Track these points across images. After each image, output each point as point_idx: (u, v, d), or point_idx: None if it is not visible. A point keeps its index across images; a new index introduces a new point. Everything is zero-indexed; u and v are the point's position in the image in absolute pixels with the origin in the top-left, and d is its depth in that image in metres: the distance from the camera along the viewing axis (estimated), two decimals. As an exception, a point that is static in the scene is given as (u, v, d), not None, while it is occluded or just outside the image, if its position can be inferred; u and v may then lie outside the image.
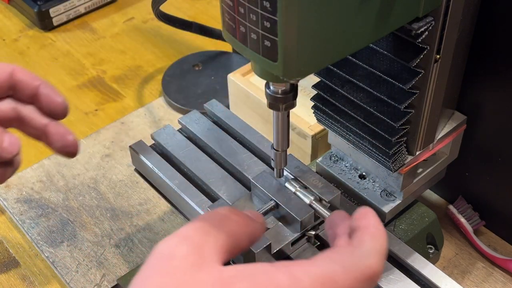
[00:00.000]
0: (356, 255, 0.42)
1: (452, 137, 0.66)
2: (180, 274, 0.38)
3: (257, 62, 0.45)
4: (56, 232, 0.81)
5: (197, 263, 0.39)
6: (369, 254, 0.42)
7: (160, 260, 0.40)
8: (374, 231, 0.44)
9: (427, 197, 0.80)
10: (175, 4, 1.20)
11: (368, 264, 0.42)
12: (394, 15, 0.48)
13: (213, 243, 0.41)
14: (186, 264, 0.39)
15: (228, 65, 1.02)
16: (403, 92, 0.56)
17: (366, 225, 0.44)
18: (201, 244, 0.40)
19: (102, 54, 1.10)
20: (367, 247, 0.43)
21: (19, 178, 0.88)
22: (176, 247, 0.40)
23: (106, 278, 0.76)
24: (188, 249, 0.40)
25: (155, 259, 0.40)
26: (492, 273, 0.74)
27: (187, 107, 0.95)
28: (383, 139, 0.59)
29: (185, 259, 0.39)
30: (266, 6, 0.41)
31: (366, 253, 0.42)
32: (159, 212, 0.83)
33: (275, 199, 0.61)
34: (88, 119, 0.98)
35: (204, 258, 0.40)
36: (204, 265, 0.39)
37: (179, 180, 0.66)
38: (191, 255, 0.39)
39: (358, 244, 0.43)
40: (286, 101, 0.52)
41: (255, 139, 0.70)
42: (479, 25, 0.61)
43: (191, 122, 0.73)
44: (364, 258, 0.42)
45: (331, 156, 0.70)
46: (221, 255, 0.41)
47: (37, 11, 1.12)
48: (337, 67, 0.59)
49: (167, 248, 0.40)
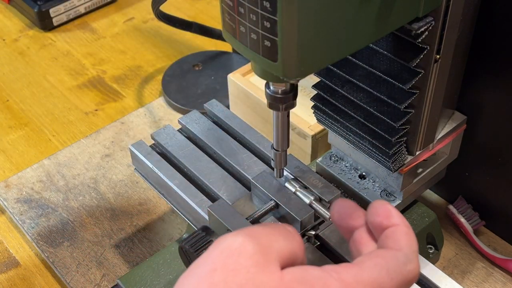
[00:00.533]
0: (399, 259, 0.43)
1: (452, 137, 0.66)
2: (245, 272, 0.39)
3: (257, 62, 0.45)
4: (56, 232, 0.81)
5: (261, 263, 0.40)
6: (411, 258, 0.43)
7: (226, 254, 0.40)
8: (406, 230, 0.45)
9: (427, 197, 0.80)
10: (175, 4, 1.20)
11: (410, 268, 0.43)
12: (394, 15, 0.47)
13: (277, 248, 0.42)
14: (252, 262, 0.40)
15: (228, 65, 1.02)
16: (403, 92, 0.56)
17: (396, 224, 0.45)
18: (267, 246, 0.41)
19: (102, 54, 1.10)
20: (407, 250, 0.43)
21: (19, 178, 0.88)
22: (243, 244, 0.40)
23: (106, 278, 0.76)
24: (254, 248, 0.40)
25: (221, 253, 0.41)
26: (492, 273, 0.74)
27: (187, 107, 0.95)
28: (383, 139, 0.59)
29: (250, 258, 0.40)
30: (266, 6, 0.41)
31: (407, 257, 0.43)
32: (159, 212, 0.83)
33: (275, 199, 0.61)
34: (88, 119, 0.98)
35: (268, 260, 0.40)
36: (267, 266, 0.40)
37: (179, 180, 0.66)
38: (256, 255, 0.40)
39: (396, 246, 0.44)
40: (286, 101, 0.52)
41: (255, 139, 0.70)
42: (479, 25, 0.61)
43: (191, 122, 0.73)
44: (406, 262, 0.43)
45: (331, 156, 0.70)
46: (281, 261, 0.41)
47: (37, 11, 1.12)
48: (337, 67, 0.59)
49: (234, 243, 0.41)
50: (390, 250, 0.44)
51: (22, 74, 1.07)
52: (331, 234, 0.61)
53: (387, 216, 0.45)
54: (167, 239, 0.79)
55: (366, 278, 0.41)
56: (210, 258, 0.41)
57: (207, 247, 0.55)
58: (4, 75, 1.07)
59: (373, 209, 0.46)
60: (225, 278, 0.39)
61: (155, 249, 0.78)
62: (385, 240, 0.45)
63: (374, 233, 0.46)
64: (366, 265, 0.42)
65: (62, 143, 0.94)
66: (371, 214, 0.46)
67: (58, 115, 0.99)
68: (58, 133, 0.95)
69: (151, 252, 0.78)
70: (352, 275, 0.41)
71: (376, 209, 0.46)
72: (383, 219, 0.45)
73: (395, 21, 0.48)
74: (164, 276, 0.70)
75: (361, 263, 0.42)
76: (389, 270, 0.42)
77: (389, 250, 0.44)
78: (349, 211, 0.48)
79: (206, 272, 0.40)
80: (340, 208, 0.49)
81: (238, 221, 0.59)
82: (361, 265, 0.42)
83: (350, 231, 0.48)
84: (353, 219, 0.48)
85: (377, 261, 0.42)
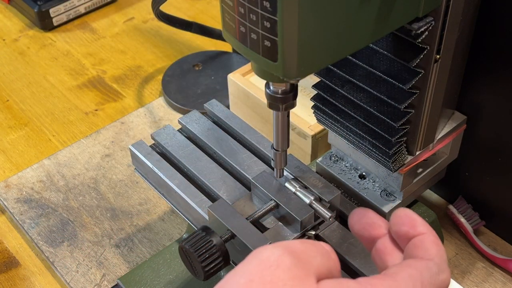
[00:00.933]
0: (432, 270, 0.42)
1: (452, 137, 0.66)
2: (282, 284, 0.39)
3: (257, 62, 0.45)
4: (56, 232, 0.81)
5: (298, 277, 0.40)
6: (442, 268, 0.43)
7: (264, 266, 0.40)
8: (434, 238, 0.44)
9: (427, 197, 0.80)
10: (175, 4, 1.20)
11: (443, 278, 0.43)
12: (394, 15, 0.47)
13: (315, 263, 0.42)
14: (289, 276, 0.40)
15: (228, 65, 1.02)
16: (403, 92, 0.56)
17: (423, 232, 0.44)
18: (305, 261, 0.41)
19: (102, 54, 1.10)
20: (438, 259, 0.43)
21: (19, 178, 0.88)
22: (281, 257, 0.41)
23: (106, 278, 0.76)
24: (292, 261, 0.40)
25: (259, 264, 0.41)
26: (492, 273, 0.74)
27: (187, 107, 0.95)
28: (383, 139, 0.59)
29: (288, 271, 0.40)
30: (266, 6, 0.41)
31: (439, 267, 0.43)
32: (159, 212, 0.83)
33: (275, 199, 0.61)
34: (88, 119, 0.98)
35: (305, 274, 0.40)
36: (304, 280, 0.40)
37: (179, 180, 0.66)
38: (294, 268, 0.40)
39: (426, 255, 0.43)
40: (286, 101, 0.52)
41: (255, 139, 0.70)
42: (479, 25, 0.61)
43: (191, 122, 0.73)
44: (439, 272, 0.43)
45: (331, 156, 0.70)
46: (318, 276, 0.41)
47: (37, 11, 1.12)
48: (337, 67, 0.59)
49: (273, 256, 0.41)
50: (421, 260, 0.43)
51: (22, 74, 1.07)
52: (331, 234, 0.61)
53: (413, 225, 0.44)
54: (167, 239, 0.79)
55: None
56: (247, 269, 0.41)
57: (207, 247, 0.55)
58: (4, 75, 1.07)
59: (397, 218, 0.45)
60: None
61: (155, 249, 0.78)
62: (414, 250, 0.44)
63: (399, 242, 0.45)
64: (400, 276, 0.41)
65: (62, 143, 0.94)
66: (396, 224, 0.45)
67: (58, 115, 0.99)
68: (58, 133, 0.95)
69: (151, 252, 0.78)
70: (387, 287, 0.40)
71: (400, 218, 0.45)
72: (409, 228, 0.44)
73: (395, 21, 0.48)
74: (164, 276, 0.70)
75: (395, 275, 0.42)
76: (423, 281, 0.41)
77: (420, 260, 0.43)
78: (369, 221, 0.47)
79: (243, 283, 0.40)
80: (359, 217, 0.48)
81: (238, 221, 0.59)
82: (395, 277, 0.41)
83: (371, 241, 0.47)
84: (374, 228, 0.47)
85: (411, 272, 0.42)
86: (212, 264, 0.55)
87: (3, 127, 0.97)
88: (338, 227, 0.62)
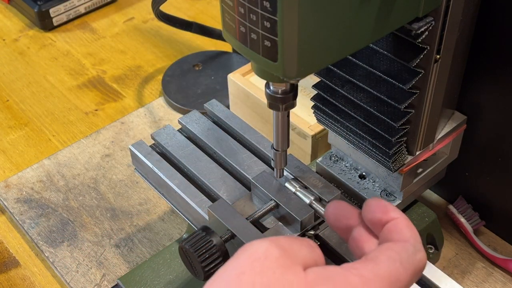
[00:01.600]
0: (409, 250, 0.45)
1: (452, 137, 0.66)
2: (271, 273, 0.42)
3: (257, 62, 0.45)
4: (56, 232, 0.81)
5: (286, 265, 0.42)
6: (418, 247, 0.45)
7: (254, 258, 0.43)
8: (406, 221, 0.46)
9: (427, 197, 0.80)
10: (175, 4, 1.20)
11: (420, 257, 0.45)
12: (394, 15, 0.47)
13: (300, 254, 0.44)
14: (277, 265, 0.42)
15: (228, 65, 1.02)
16: (403, 92, 0.56)
17: (395, 217, 0.46)
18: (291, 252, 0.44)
19: (102, 54, 1.10)
20: (413, 240, 0.45)
21: (19, 178, 0.88)
22: (269, 249, 0.43)
23: (106, 278, 0.76)
24: (279, 252, 0.43)
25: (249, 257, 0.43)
26: (492, 273, 0.74)
27: (187, 107, 0.95)
28: (383, 139, 0.59)
29: (276, 261, 0.42)
30: (266, 6, 0.41)
31: (415, 247, 0.45)
32: (159, 212, 0.83)
33: (275, 199, 0.61)
34: (88, 119, 0.98)
35: (293, 262, 0.43)
36: (292, 267, 0.42)
37: (179, 180, 0.66)
38: (282, 258, 0.42)
39: (402, 237, 0.45)
40: (286, 101, 0.52)
41: (255, 139, 0.70)
42: (479, 25, 0.61)
43: (191, 122, 0.73)
44: (415, 252, 0.45)
45: (331, 156, 0.70)
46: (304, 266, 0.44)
47: (37, 11, 1.12)
48: (337, 67, 0.59)
49: (261, 248, 0.43)
50: (398, 243, 0.45)
51: (22, 74, 1.07)
52: (331, 234, 0.61)
53: (385, 211, 0.47)
54: (167, 239, 0.79)
55: (383, 272, 0.43)
56: (237, 263, 0.43)
57: (207, 247, 0.55)
58: (4, 75, 1.07)
59: (369, 207, 0.48)
60: (252, 280, 0.41)
61: (155, 249, 0.78)
62: (389, 234, 0.46)
63: (373, 229, 0.48)
64: (380, 259, 0.44)
65: (62, 143, 0.94)
66: (368, 212, 0.48)
67: (58, 115, 0.99)
68: (58, 133, 0.95)
69: (151, 252, 0.78)
70: (370, 270, 0.43)
71: (372, 206, 0.48)
72: (381, 215, 0.47)
73: (395, 21, 0.48)
74: (164, 276, 0.70)
75: (375, 258, 0.44)
76: (402, 261, 0.44)
77: (397, 242, 0.45)
78: (343, 212, 0.50)
79: (234, 275, 0.42)
80: (334, 209, 0.51)
81: (238, 221, 0.59)
82: (376, 260, 0.44)
83: (347, 231, 0.50)
84: (349, 218, 0.50)
85: (390, 254, 0.44)
86: (212, 264, 0.55)
87: (3, 127, 0.97)
88: (338, 227, 0.62)
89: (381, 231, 0.47)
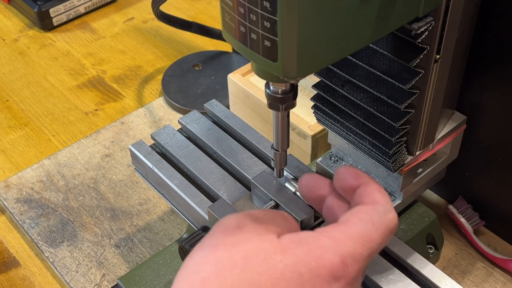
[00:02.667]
0: (380, 211, 0.46)
1: (452, 137, 0.66)
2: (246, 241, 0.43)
3: (257, 62, 0.45)
4: (56, 232, 0.81)
5: (259, 233, 0.44)
6: (388, 208, 0.47)
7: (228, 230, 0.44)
8: (377, 186, 0.49)
9: (427, 197, 0.80)
10: (175, 4, 1.20)
11: (391, 217, 0.47)
12: (394, 15, 0.47)
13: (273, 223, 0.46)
14: (251, 233, 0.44)
15: (228, 65, 1.03)
16: (403, 92, 0.56)
17: (366, 182, 0.49)
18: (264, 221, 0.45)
19: (102, 54, 1.10)
20: (383, 202, 0.47)
21: (19, 178, 0.88)
22: (243, 219, 0.45)
23: (106, 278, 0.76)
24: (252, 222, 0.45)
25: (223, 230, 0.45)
26: (492, 273, 0.74)
27: (187, 107, 0.95)
28: (383, 139, 0.59)
29: (249, 230, 0.44)
30: (266, 6, 0.41)
31: (386, 209, 0.47)
32: (159, 212, 0.83)
33: (275, 199, 0.61)
34: (88, 119, 0.98)
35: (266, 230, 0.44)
36: (266, 235, 0.44)
37: (179, 180, 0.66)
38: (255, 226, 0.44)
39: (372, 200, 0.47)
40: (286, 101, 0.52)
41: (255, 139, 0.70)
42: (479, 25, 0.61)
43: (191, 122, 0.73)
44: (386, 212, 0.47)
45: (331, 156, 0.70)
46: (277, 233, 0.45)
47: (37, 11, 1.12)
48: (337, 67, 0.59)
49: (235, 220, 0.45)
50: (369, 205, 0.47)
51: (22, 74, 1.07)
52: (331, 234, 0.61)
53: (356, 177, 0.49)
54: (167, 239, 0.79)
55: (354, 232, 0.45)
56: (212, 235, 0.45)
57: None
58: (4, 75, 1.07)
59: (340, 174, 0.50)
60: (229, 251, 0.42)
61: (155, 249, 0.78)
62: (360, 198, 0.48)
63: (345, 196, 0.50)
64: (351, 221, 0.46)
65: (62, 143, 0.94)
66: (340, 179, 0.50)
67: (58, 115, 0.99)
68: (58, 133, 0.95)
69: (151, 252, 0.78)
70: (341, 232, 0.45)
71: (343, 174, 0.50)
72: (352, 181, 0.49)
73: (395, 21, 0.48)
74: (164, 276, 0.70)
75: (346, 221, 0.46)
76: (373, 222, 0.46)
77: (368, 204, 0.47)
78: (315, 183, 0.52)
79: (209, 247, 0.44)
80: (306, 182, 0.53)
81: (238, 221, 0.59)
82: (347, 222, 0.46)
83: (320, 201, 0.52)
84: (320, 189, 0.52)
85: (361, 216, 0.46)
86: (212, 264, 0.55)
87: (3, 127, 0.97)
88: (338, 227, 0.62)
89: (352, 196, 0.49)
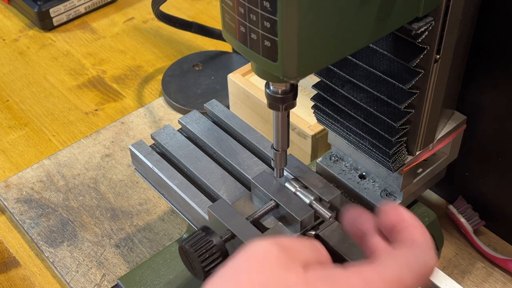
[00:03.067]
0: (418, 254, 0.44)
1: (452, 137, 0.66)
2: (269, 271, 0.42)
3: (257, 62, 0.45)
4: (56, 232, 0.81)
5: (285, 264, 0.42)
6: (427, 251, 0.45)
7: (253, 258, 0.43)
8: (421, 228, 0.47)
9: (427, 197, 0.80)
10: (175, 4, 1.20)
11: (428, 260, 0.45)
12: (394, 15, 0.48)
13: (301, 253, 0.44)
14: (276, 264, 0.42)
15: (228, 65, 1.03)
16: (403, 92, 0.56)
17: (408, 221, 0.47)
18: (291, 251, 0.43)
19: (102, 54, 1.10)
20: (423, 244, 0.45)
21: (19, 178, 0.88)
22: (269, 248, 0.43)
23: (106, 278, 0.76)
24: (279, 250, 0.43)
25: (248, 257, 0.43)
26: (492, 273, 0.74)
27: (187, 107, 0.95)
28: (383, 139, 0.59)
29: (275, 260, 0.42)
30: (266, 6, 0.41)
31: (424, 251, 0.45)
32: (159, 212, 0.83)
33: (275, 199, 0.61)
34: (88, 119, 0.98)
35: (292, 261, 0.42)
36: (291, 266, 0.42)
37: (179, 180, 0.66)
38: (281, 257, 0.42)
39: (413, 242, 0.45)
40: (286, 101, 0.52)
41: (255, 139, 0.70)
42: (479, 25, 0.61)
43: (191, 122, 0.73)
44: (424, 256, 0.45)
45: (331, 156, 0.70)
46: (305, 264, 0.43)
47: (37, 11, 1.12)
48: (337, 67, 0.59)
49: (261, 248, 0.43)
50: (407, 245, 0.45)
51: (22, 74, 1.07)
52: (331, 234, 0.61)
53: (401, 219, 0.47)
54: (167, 239, 0.79)
55: (389, 276, 0.42)
56: (236, 262, 0.43)
57: (207, 247, 0.55)
58: (4, 75, 1.07)
59: (384, 212, 0.48)
60: (250, 277, 0.41)
61: (155, 249, 0.78)
62: (400, 236, 0.46)
63: (387, 234, 0.48)
64: (387, 262, 0.43)
65: (62, 143, 0.94)
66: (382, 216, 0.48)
67: (58, 115, 0.99)
68: (58, 133, 0.95)
69: (151, 252, 0.78)
70: (375, 273, 0.42)
71: (387, 211, 0.48)
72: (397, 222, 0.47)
73: (395, 21, 0.48)
74: (164, 276, 0.70)
75: (381, 261, 0.44)
76: (409, 265, 0.43)
77: (406, 245, 0.45)
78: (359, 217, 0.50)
79: (232, 274, 0.42)
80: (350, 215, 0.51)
81: (238, 221, 0.59)
82: (382, 263, 0.44)
83: (361, 235, 0.49)
84: (363, 223, 0.49)
85: (398, 258, 0.44)
86: (212, 264, 0.55)
87: (3, 127, 0.97)
88: (338, 227, 0.62)
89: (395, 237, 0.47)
